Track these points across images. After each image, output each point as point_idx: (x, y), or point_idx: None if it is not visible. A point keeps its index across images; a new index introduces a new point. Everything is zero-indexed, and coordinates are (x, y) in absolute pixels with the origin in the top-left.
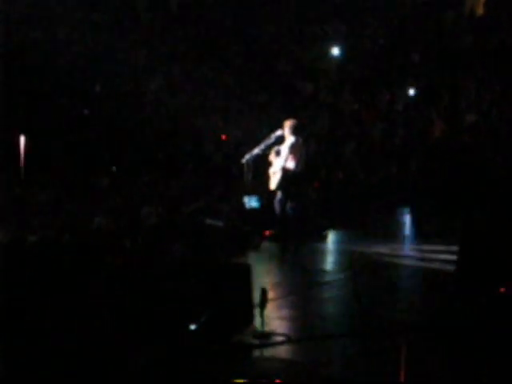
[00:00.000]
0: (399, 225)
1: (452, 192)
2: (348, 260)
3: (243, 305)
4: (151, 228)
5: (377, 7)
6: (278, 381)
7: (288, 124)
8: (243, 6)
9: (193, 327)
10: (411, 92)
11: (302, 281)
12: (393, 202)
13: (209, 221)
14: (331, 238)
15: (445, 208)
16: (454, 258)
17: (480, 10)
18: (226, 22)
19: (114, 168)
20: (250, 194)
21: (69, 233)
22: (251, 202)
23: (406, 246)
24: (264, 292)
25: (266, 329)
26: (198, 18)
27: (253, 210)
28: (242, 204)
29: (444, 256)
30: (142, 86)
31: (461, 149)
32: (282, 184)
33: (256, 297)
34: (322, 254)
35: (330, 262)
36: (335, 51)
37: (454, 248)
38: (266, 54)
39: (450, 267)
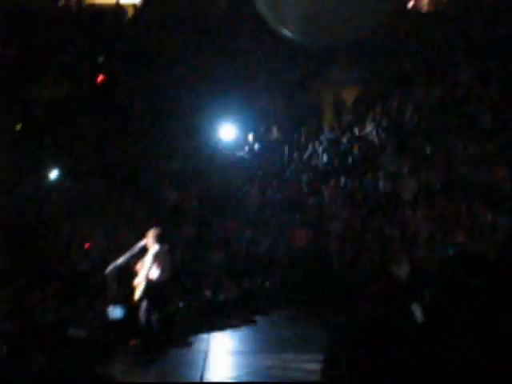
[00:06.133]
0: None
1: None
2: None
3: None
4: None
5: None
6: None
7: (152, 233)
8: None
9: None
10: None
11: None
12: None
13: (72, 330)
14: (196, 345)
15: None
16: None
17: None
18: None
19: None
20: (114, 303)
21: None
22: (116, 312)
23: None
24: None
25: None
26: None
27: (117, 319)
28: (107, 314)
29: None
30: None
31: None
32: (146, 294)
33: None
34: (187, 364)
35: (195, 371)
36: None
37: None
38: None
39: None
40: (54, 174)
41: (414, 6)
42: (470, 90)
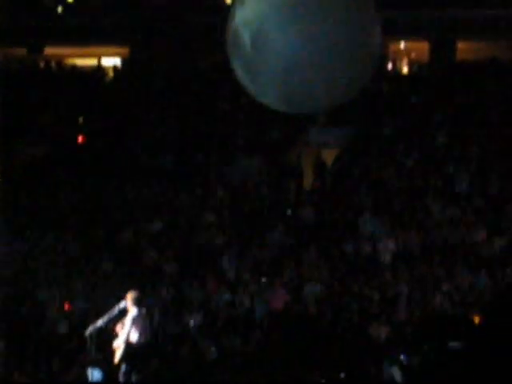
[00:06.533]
0: None
1: None
2: None
3: None
4: None
5: None
6: None
7: (130, 296)
8: None
9: None
10: None
11: None
12: None
13: None
14: None
15: None
16: None
17: None
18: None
19: None
20: (93, 366)
21: None
22: (95, 375)
23: None
24: None
25: None
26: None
27: (96, 382)
28: (86, 376)
29: None
30: None
31: None
32: (125, 357)
33: None
34: None
35: None
36: None
37: None
38: (110, 222)
39: None
40: (33, 236)
41: (392, 68)
42: (448, 153)
